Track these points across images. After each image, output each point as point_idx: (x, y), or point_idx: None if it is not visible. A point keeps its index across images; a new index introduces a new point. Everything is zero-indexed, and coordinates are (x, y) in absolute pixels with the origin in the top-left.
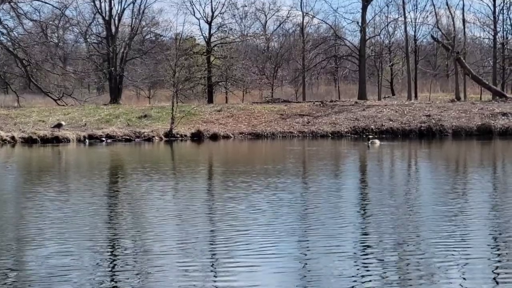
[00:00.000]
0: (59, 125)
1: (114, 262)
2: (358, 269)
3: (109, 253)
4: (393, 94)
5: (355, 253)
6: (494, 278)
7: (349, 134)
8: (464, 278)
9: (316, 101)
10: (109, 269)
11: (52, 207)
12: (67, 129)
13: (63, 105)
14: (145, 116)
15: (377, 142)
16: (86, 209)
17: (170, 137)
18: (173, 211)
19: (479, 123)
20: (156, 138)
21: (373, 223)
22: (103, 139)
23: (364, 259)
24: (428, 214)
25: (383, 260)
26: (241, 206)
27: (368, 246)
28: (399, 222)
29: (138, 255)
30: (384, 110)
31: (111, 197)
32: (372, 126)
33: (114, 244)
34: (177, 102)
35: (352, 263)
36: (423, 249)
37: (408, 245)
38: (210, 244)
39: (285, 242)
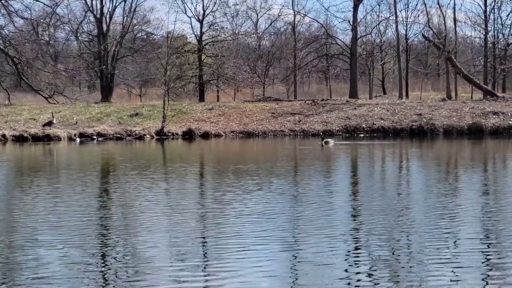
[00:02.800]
0: (49, 123)
1: (106, 264)
2: (350, 269)
3: (101, 253)
4: (385, 93)
5: (347, 254)
6: (487, 277)
7: (340, 133)
8: (456, 277)
9: (307, 100)
10: (101, 269)
11: (43, 206)
12: (58, 127)
13: (54, 103)
14: (136, 114)
15: (331, 141)
16: (77, 208)
17: (161, 136)
18: (164, 211)
19: (470, 122)
20: (148, 136)
21: (363, 224)
22: (94, 137)
23: (356, 259)
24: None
25: (376, 260)
26: (231, 206)
27: (360, 247)
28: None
29: (129, 255)
30: (376, 109)
31: (102, 196)
32: (363, 125)
33: (105, 244)
34: (168, 101)
35: (344, 262)
36: (415, 248)
37: (399, 244)
38: (201, 244)
39: (276, 242)
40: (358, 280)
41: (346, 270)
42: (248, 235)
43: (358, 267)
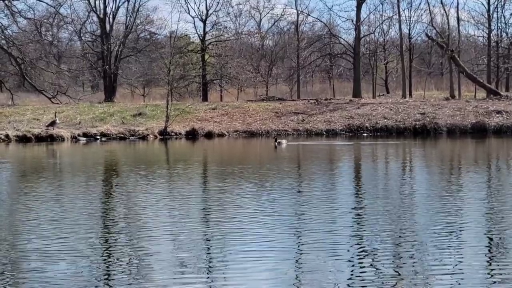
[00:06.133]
0: (53, 123)
1: (108, 265)
2: (352, 270)
3: (104, 254)
4: (388, 92)
5: (350, 254)
6: (490, 278)
7: (343, 132)
8: (459, 277)
9: (310, 99)
10: (103, 270)
11: (47, 209)
12: (61, 127)
13: (58, 103)
14: (140, 114)
15: (284, 142)
16: (80, 209)
17: (164, 135)
18: (167, 212)
19: (474, 121)
20: (151, 136)
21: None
22: (98, 137)
23: (359, 257)
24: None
25: (378, 260)
26: (234, 206)
27: (362, 247)
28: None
29: (132, 256)
30: (379, 108)
31: (106, 198)
32: (367, 124)
33: (108, 245)
34: (171, 100)
35: (347, 263)
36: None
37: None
38: (204, 245)
39: (279, 243)
40: (360, 281)
41: (350, 273)
42: (250, 233)
43: (361, 265)
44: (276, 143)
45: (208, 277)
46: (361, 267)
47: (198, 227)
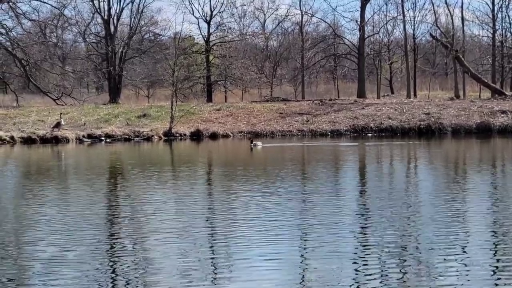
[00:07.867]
0: (58, 124)
1: (114, 266)
2: (357, 272)
3: (109, 258)
4: (392, 93)
5: (355, 258)
6: (494, 280)
7: (348, 133)
8: (464, 280)
9: (315, 100)
10: (108, 273)
11: (52, 212)
12: (66, 129)
13: (62, 105)
14: (144, 115)
15: (260, 144)
16: (85, 211)
17: (169, 136)
18: (173, 214)
19: (478, 121)
20: (155, 137)
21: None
22: (102, 138)
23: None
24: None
25: (383, 261)
26: (238, 208)
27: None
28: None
29: (137, 258)
30: (383, 108)
31: (111, 199)
32: (371, 125)
33: (114, 247)
34: (176, 101)
35: (353, 269)
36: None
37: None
38: (209, 247)
39: (284, 245)
40: (366, 282)
41: (354, 274)
42: (255, 234)
43: (366, 267)
44: (252, 144)
45: (212, 279)
46: (365, 269)
47: (203, 230)
